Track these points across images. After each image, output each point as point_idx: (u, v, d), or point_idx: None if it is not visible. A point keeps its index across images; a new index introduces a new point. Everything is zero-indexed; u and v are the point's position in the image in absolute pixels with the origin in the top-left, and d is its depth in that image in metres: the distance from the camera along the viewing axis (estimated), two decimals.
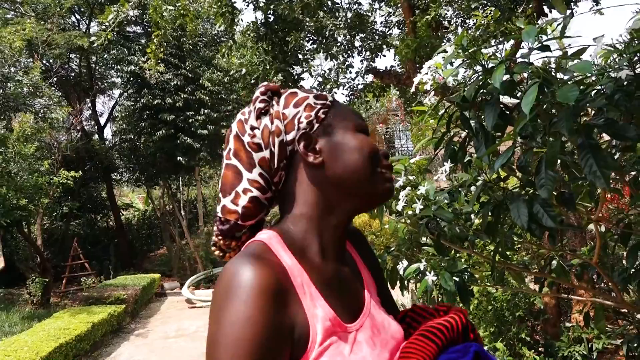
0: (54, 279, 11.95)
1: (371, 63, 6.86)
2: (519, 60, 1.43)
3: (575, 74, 1.39)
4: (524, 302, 4.03)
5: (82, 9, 14.75)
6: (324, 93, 0.93)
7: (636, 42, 1.33)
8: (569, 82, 1.27)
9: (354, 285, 0.90)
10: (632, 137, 1.23)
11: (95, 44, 5.20)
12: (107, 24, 4.74)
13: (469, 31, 5.69)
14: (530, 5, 4.32)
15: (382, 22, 7.14)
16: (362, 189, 0.86)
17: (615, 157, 1.64)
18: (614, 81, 1.28)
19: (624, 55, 1.26)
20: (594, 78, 1.39)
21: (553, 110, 1.42)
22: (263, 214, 0.91)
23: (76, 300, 10.20)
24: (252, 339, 0.67)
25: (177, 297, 11.82)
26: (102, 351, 7.98)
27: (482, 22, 4.75)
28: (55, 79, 13.44)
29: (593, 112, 1.43)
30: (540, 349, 4.08)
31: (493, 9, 4.91)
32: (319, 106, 0.88)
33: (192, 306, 10.78)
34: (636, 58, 1.25)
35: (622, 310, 3.53)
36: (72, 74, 15.26)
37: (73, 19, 15.27)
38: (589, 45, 1.41)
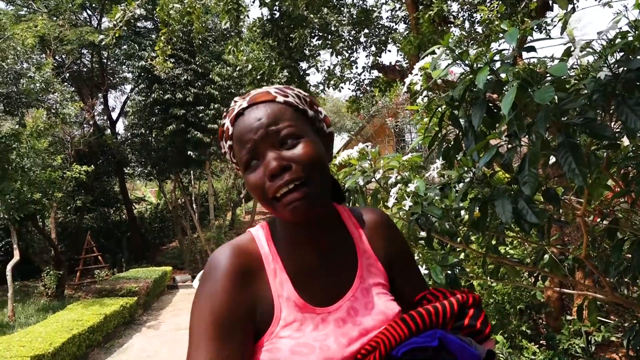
0: (68, 272, 12.16)
1: (377, 58, 6.86)
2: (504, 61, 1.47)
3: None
4: (526, 295, 4.06)
5: (93, 5, 14.90)
6: (225, 122, 0.94)
7: (618, 39, 1.35)
8: (547, 84, 1.30)
9: (339, 271, 0.97)
10: (608, 136, 1.27)
11: (103, 42, 5.30)
12: (115, 22, 4.83)
13: (476, 25, 5.68)
14: (535, 0, 4.31)
15: (388, 17, 7.15)
16: (277, 215, 0.92)
17: (604, 155, 1.66)
18: (595, 81, 1.31)
19: (602, 56, 1.28)
20: (576, 79, 1.42)
21: None
22: None
23: (89, 292, 10.38)
24: (213, 311, 0.85)
25: (188, 290, 11.97)
26: (114, 342, 8.13)
27: (488, 16, 4.75)
28: (67, 74, 13.60)
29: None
30: (541, 342, 4.11)
31: (499, 2, 4.90)
32: (228, 151, 0.96)
33: None
34: (613, 60, 1.27)
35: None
36: (84, 70, 15.45)
37: (85, 14, 15.44)
38: (593, 40, 1.44)
